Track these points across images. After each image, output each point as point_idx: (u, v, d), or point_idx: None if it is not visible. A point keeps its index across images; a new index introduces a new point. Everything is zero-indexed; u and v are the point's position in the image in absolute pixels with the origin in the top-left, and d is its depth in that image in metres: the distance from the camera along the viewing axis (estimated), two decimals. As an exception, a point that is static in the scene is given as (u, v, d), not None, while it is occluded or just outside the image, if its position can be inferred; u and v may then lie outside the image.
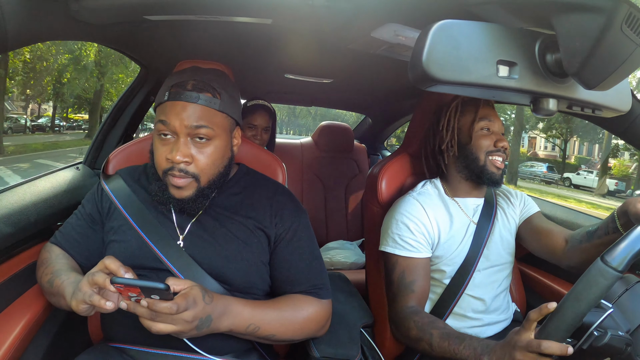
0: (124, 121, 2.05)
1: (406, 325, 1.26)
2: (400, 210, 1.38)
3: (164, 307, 0.84)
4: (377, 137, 3.68)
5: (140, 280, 0.82)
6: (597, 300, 0.86)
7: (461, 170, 1.41)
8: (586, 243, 1.20)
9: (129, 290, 0.83)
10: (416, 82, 0.77)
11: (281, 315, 1.06)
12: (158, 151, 1.06)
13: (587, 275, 0.88)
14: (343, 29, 1.22)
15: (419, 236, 1.34)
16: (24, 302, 1.15)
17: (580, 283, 0.88)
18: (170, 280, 0.89)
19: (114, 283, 0.82)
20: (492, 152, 1.36)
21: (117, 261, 0.90)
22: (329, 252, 2.62)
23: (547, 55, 0.79)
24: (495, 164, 1.36)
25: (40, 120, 19.97)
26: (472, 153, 1.37)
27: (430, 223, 1.36)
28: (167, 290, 0.82)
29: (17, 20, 0.84)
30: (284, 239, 1.16)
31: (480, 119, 1.37)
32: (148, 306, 0.84)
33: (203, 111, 1.02)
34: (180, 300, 0.86)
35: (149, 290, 0.82)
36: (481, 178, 1.37)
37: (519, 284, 1.65)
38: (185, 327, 0.88)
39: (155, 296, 0.84)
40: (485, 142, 1.36)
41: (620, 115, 0.97)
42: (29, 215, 1.24)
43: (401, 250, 1.34)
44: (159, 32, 1.39)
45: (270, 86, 2.65)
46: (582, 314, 0.87)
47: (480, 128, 1.37)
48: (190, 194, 1.06)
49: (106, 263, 0.89)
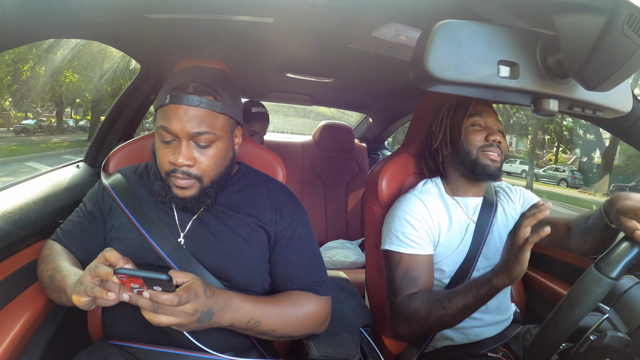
0: (125, 120, 2.05)
1: (413, 309, 1.24)
2: (403, 208, 1.37)
3: (166, 298, 0.84)
4: (378, 136, 3.67)
5: (143, 271, 0.82)
6: (591, 307, 0.87)
7: (457, 168, 1.41)
8: (586, 236, 1.20)
9: (131, 282, 0.83)
10: (417, 82, 0.77)
11: (281, 311, 1.07)
12: (160, 153, 1.06)
13: (581, 283, 0.88)
14: (344, 29, 1.22)
15: (422, 233, 1.33)
16: (24, 300, 1.15)
17: (574, 290, 0.88)
18: (172, 273, 0.89)
19: (117, 273, 0.82)
20: (484, 147, 1.34)
21: (117, 253, 0.90)
22: (328, 252, 2.62)
23: (548, 55, 0.79)
24: (489, 157, 1.34)
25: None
26: (463, 148, 1.36)
27: (432, 221, 1.35)
28: (170, 281, 0.82)
29: (18, 18, 0.84)
30: (284, 236, 1.17)
31: (471, 115, 1.37)
32: (150, 298, 0.84)
33: (204, 114, 1.03)
34: (182, 292, 0.87)
35: (151, 282, 0.83)
36: (474, 172, 1.35)
37: (518, 284, 1.65)
38: (186, 320, 0.88)
39: (157, 288, 0.84)
40: (476, 137, 1.35)
41: (621, 116, 0.97)
42: (29, 213, 1.24)
43: (405, 247, 1.33)
44: (159, 31, 1.39)
45: (271, 85, 2.65)
46: (577, 321, 0.87)
47: (471, 124, 1.36)
48: (193, 193, 1.07)
49: (106, 255, 0.89)
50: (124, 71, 3.75)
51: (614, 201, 1.05)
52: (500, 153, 1.35)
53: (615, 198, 1.05)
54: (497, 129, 1.37)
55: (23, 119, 16.47)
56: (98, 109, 14.35)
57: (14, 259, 1.18)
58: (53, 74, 13.69)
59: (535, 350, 0.96)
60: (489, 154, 1.34)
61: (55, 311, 1.25)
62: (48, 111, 17.54)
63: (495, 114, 1.39)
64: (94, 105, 15.49)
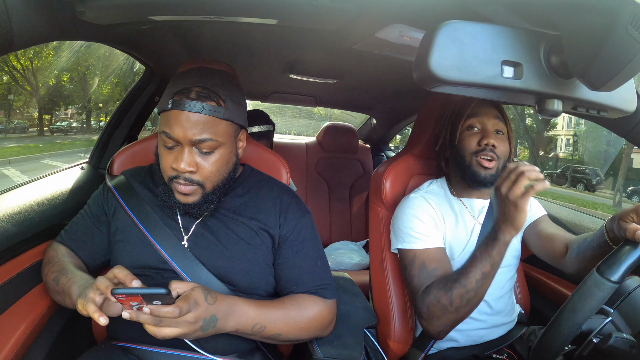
0: (129, 121, 2.05)
1: (434, 300, 1.18)
2: (409, 206, 1.37)
3: (167, 311, 0.84)
4: (382, 137, 3.67)
5: (140, 288, 0.82)
6: (594, 311, 0.86)
7: (456, 171, 1.40)
8: (582, 254, 1.19)
9: (130, 300, 0.83)
10: (421, 83, 0.77)
11: (286, 315, 1.06)
12: (163, 158, 1.07)
13: (583, 287, 0.88)
14: (348, 30, 1.22)
15: (431, 227, 1.32)
16: (29, 301, 1.15)
17: (577, 294, 0.88)
18: (172, 284, 0.90)
19: (115, 294, 0.82)
20: (478, 152, 1.30)
21: (125, 270, 0.90)
22: (332, 253, 2.62)
23: (552, 55, 0.79)
24: (482, 164, 1.30)
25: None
26: (458, 152, 1.35)
27: (439, 217, 1.35)
28: (168, 294, 0.82)
29: (22, 21, 0.84)
30: (289, 239, 1.16)
31: (468, 117, 1.34)
32: (151, 313, 0.85)
33: (207, 121, 1.02)
34: (181, 303, 0.87)
35: (150, 297, 0.83)
36: (466, 178, 1.34)
37: (523, 285, 1.64)
38: (189, 329, 0.88)
39: (157, 302, 0.84)
40: (470, 141, 1.32)
41: (625, 116, 0.96)
42: (33, 215, 1.24)
43: (418, 242, 1.30)
44: (163, 33, 1.39)
45: (274, 87, 2.66)
46: (579, 324, 0.87)
47: (467, 127, 1.34)
48: (195, 199, 1.08)
49: (115, 272, 0.90)
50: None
51: (615, 215, 1.05)
52: (497, 158, 1.30)
53: (618, 213, 1.05)
54: (495, 131, 1.33)
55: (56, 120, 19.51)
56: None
57: (18, 261, 1.18)
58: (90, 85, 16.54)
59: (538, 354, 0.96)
60: (482, 160, 1.30)
61: (59, 312, 1.26)
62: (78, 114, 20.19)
63: (497, 115, 1.35)
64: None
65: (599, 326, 0.90)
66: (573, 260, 1.22)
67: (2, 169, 11.21)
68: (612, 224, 1.05)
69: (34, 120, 18.62)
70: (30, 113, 18.34)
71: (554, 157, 23.48)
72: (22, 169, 11.32)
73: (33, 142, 16.59)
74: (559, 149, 23.89)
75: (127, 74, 7.65)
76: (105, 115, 19.61)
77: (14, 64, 14.84)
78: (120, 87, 15.04)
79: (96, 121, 19.94)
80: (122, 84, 13.65)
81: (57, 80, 16.58)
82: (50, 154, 14.49)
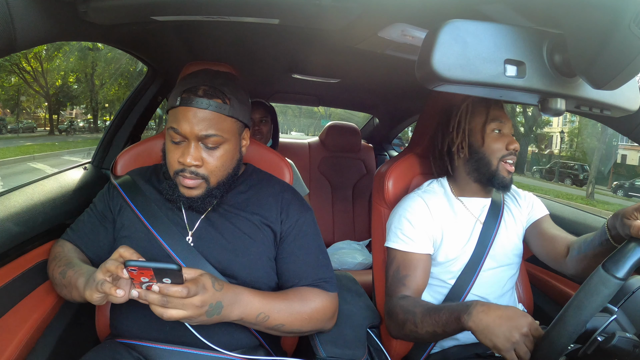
0: (132, 121, 2.06)
1: (395, 313, 1.26)
2: (403, 206, 1.38)
3: (175, 290, 0.86)
4: (385, 137, 3.67)
5: (152, 262, 0.83)
6: (599, 308, 0.86)
7: (471, 173, 1.39)
8: (583, 253, 1.19)
9: (141, 275, 0.85)
10: (423, 82, 0.77)
11: (290, 306, 1.08)
12: (170, 153, 1.10)
13: (588, 283, 0.87)
14: (350, 29, 1.22)
15: (420, 231, 1.33)
16: (33, 300, 1.16)
17: (582, 291, 0.87)
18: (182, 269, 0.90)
19: (128, 266, 0.83)
20: (504, 157, 1.34)
21: (131, 249, 0.94)
22: (336, 252, 2.62)
23: (555, 54, 0.79)
24: (507, 168, 1.34)
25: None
26: (484, 157, 1.35)
27: (433, 220, 1.35)
28: (179, 271, 0.84)
29: (25, 21, 0.85)
30: (290, 234, 1.19)
31: (492, 120, 1.35)
32: (159, 291, 0.86)
33: (213, 117, 1.06)
34: (190, 284, 0.89)
35: (161, 274, 0.84)
36: (492, 182, 1.35)
37: (526, 284, 1.63)
38: (195, 312, 0.90)
39: (166, 280, 0.86)
40: (497, 146, 1.34)
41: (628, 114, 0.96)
42: (36, 215, 1.25)
43: (400, 244, 1.34)
44: (166, 33, 1.40)
45: (277, 86, 2.66)
46: (584, 322, 0.86)
47: (492, 130, 1.35)
48: (199, 193, 1.11)
49: (120, 252, 0.93)
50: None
51: (617, 212, 1.04)
52: (515, 161, 1.36)
53: (619, 210, 1.04)
54: (512, 134, 1.37)
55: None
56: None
57: (22, 260, 1.19)
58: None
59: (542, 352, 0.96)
60: (508, 165, 1.34)
61: (64, 311, 1.27)
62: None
63: (509, 119, 1.38)
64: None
65: (603, 324, 0.90)
66: (574, 260, 1.22)
67: (31, 164, 12.72)
68: (614, 221, 1.05)
69: (40, 120, 20.15)
70: (37, 113, 19.77)
71: (548, 153, 23.44)
72: (49, 163, 12.64)
73: (48, 140, 17.97)
74: (554, 145, 23.86)
75: (136, 75, 7.85)
76: (110, 114, 20.54)
77: (24, 65, 15.47)
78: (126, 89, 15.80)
79: (102, 122, 21.14)
80: (131, 85, 14.20)
81: (63, 81, 17.83)
82: (68, 151, 15.70)
